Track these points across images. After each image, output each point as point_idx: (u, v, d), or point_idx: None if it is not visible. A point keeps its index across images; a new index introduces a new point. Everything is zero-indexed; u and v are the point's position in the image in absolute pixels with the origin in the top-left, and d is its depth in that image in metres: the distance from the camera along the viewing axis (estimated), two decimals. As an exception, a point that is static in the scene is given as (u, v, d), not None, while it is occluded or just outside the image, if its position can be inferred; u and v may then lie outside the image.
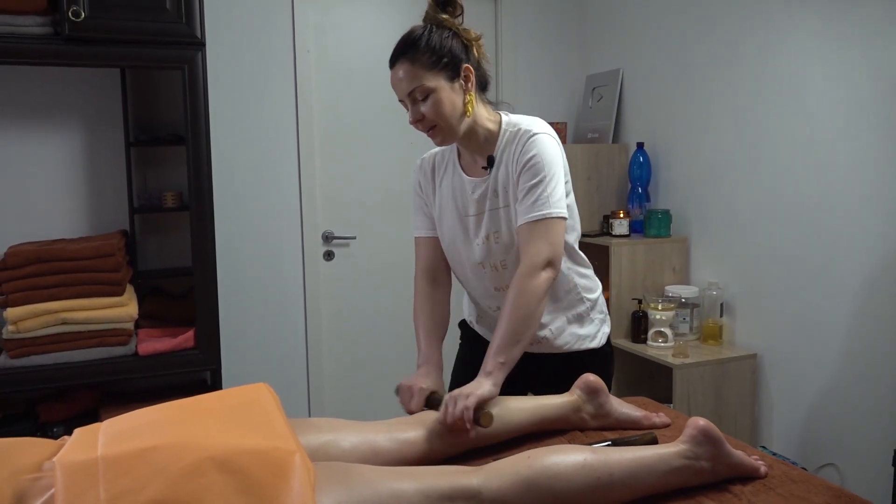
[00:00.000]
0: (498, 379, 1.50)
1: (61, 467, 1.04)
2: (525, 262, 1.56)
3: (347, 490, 1.13)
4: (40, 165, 2.69)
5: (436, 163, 1.80)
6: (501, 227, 1.66)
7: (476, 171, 1.69)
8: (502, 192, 1.64)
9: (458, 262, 1.77)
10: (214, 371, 2.67)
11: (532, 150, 1.58)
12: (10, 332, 2.37)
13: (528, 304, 1.54)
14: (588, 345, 1.78)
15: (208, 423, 1.18)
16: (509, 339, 1.53)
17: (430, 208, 1.80)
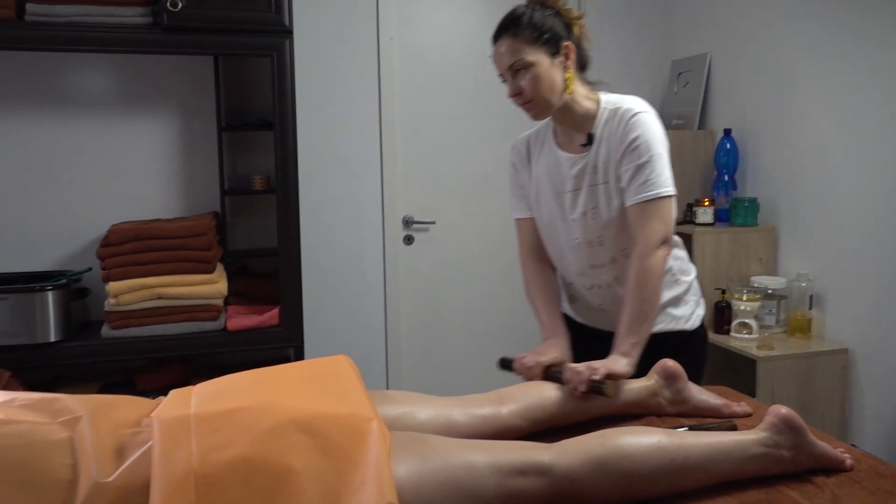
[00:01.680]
0: (633, 358, 1.56)
1: (158, 422, 1.11)
2: (641, 242, 1.60)
3: (421, 459, 1.16)
4: (139, 150, 2.84)
5: (530, 143, 1.83)
6: (600, 202, 1.68)
7: (573, 147, 1.71)
8: (602, 168, 1.66)
9: (554, 240, 1.80)
10: (297, 348, 2.76)
11: (636, 129, 1.61)
12: (112, 304, 2.52)
13: (649, 282, 1.60)
14: (683, 326, 1.79)
15: (291, 389, 1.23)
16: (637, 318, 1.59)
17: (527, 189, 1.83)
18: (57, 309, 2.47)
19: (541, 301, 1.80)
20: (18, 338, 2.42)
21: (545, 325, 1.77)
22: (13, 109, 2.69)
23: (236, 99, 2.90)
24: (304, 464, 1.07)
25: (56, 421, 1.13)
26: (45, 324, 2.45)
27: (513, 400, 1.49)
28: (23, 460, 1.05)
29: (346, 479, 1.07)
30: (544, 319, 1.77)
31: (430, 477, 1.13)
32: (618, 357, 1.56)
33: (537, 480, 1.19)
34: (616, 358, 1.56)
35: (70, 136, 2.76)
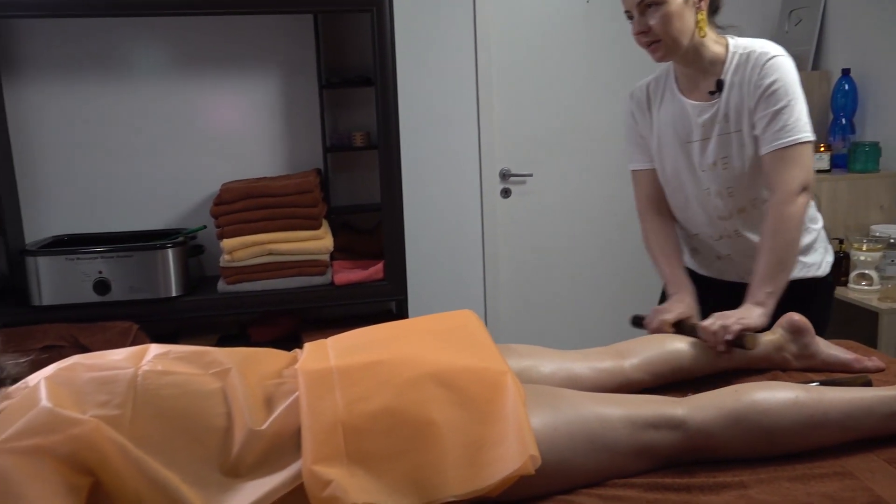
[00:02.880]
0: (768, 308, 1.53)
1: (303, 374, 1.17)
2: (780, 189, 1.55)
3: (554, 411, 1.17)
4: (244, 110, 2.91)
5: (650, 91, 1.77)
6: (732, 152, 1.63)
7: (699, 95, 1.66)
8: (734, 116, 1.61)
9: (679, 191, 1.76)
10: (401, 301, 2.82)
11: (773, 73, 1.55)
12: (226, 260, 2.63)
13: (788, 230, 1.56)
14: (813, 273, 1.74)
15: (425, 343, 1.26)
16: (774, 267, 1.55)
17: (647, 140, 1.78)
18: (177, 265, 2.60)
19: (662, 255, 1.77)
20: (144, 293, 2.56)
21: (668, 280, 1.73)
22: (126, 75, 2.80)
23: (336, 56, 2.93)
24: (443, 416, 1.10)
25: (208, 372, 1.19)
26: (166, 279, 2.59)
27: (634, 354, 1.49)
28: (183, 409, 1.13)
29: (486, 432, 1.10)
30: (667, 273, 1.74)
31: (564, 429, 1.15)
32: (751, 307, 1.52)
33: (670, 434, 1.19)
34: (749, 308, 1.52)
35: (178, 99, 2.85)
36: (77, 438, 1.03)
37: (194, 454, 1.09)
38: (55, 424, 1.03)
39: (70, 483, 1.02)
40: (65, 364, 1.18)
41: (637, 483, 1.15)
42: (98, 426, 1.04)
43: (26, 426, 1.03)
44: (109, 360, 1.20)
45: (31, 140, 2.77)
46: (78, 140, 2.80)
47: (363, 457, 1.06)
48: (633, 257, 3.39)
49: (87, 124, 2.80)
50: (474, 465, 1.06)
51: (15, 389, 1.18)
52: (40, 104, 2.76)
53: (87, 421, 1.04)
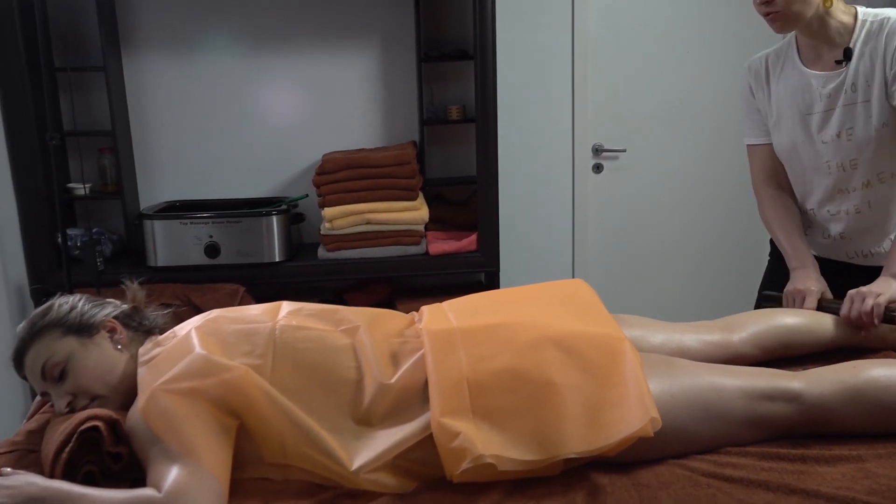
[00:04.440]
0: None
1: (428, 333, 1.23)
2: None
3: (670, 379, 1.20)
4: (344, 81, 2.99)
5: (769, 64, 1.75)
6: (857, 122, 1.59)
7: (822, 65, 1.62)
8: (863, 85, 1.57)
9: (796, 164, 1.73)
10: (492, 273, 2.87)
11: None
12: (327, 228, 2.73)
13: None
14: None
15: (541, 308, 1.31)
16: None
17: (764, 114, 1.76)
18: (280, 232, 2.72)
19: (782, 230, 1.74)
20: (250, 257, 2.69)
21: (790, 255, 1.71)
22: (233, 48, 2.91)
23: (434, 29, 2.97)
24: (563, 378, 1.15)
25: (338, 329, 1.28)
26: (270, 245, 2.71)
27: (742, 328, 1.49)
28: (318, 361, 1.21)
29: (605, 394, 1.14)
30: (788, 248, 1.72)
31: (681, 396, 1.18)
32: (890, 280, 1.50)
33: (786, 406, 1.20)
34: (888, 281, 1.50)
35: (282, 71, 2.95)
36: (227, 383, 1.12)
37: (329, 403, 1.18)
38: (209, 370, 1.13)
39: (222, 423, 1.12)
40: (210, 316, 1.29)
41: (751, 451, 1.18)
42: (247, 372, 1.14)
43: (184, 370, 1.13)
44: (248, 314, 1.30)
45: (147, 110, 2.94)
46: (189, 111, 2.95)
47: (487, 412, 1.13)
48: (727, 236, 3.35)
49: (197, 95, 2.94)
50: (594, 425, 1.11)
51: (164, 338, 1.30)
52: (155, 76, 2.91)
53: (237, 367, 1.14)
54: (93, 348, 1.26)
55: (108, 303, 1.36)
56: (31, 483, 1.05)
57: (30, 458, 1.20)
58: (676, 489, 1.10)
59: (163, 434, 1.08)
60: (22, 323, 1.30)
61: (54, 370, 1.23)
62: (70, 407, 1.23)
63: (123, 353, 1.29)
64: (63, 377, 1.23)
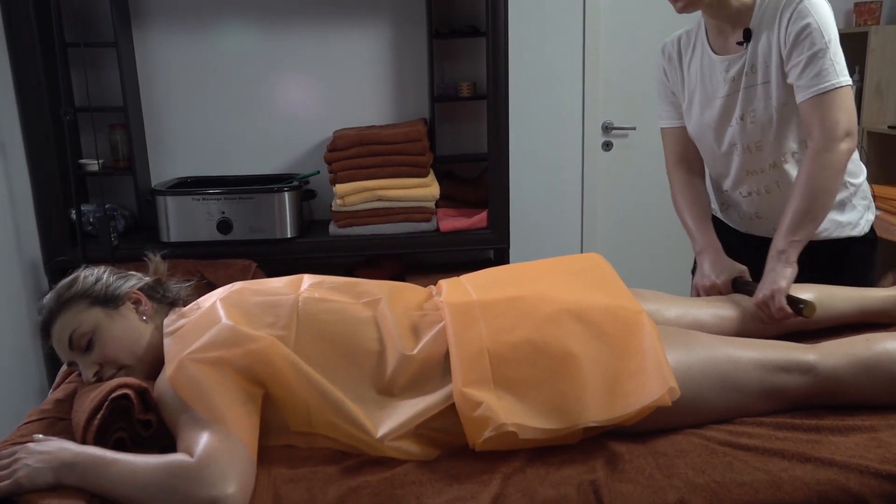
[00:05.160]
0: (792, 257, 1.48)
1: (448, 306, 1.25)
2: (820, 135, 1.48)
3: (687, 350, 1.22)
4: (355, 58, 2.99)
5: (681, 46, 1.73)
6: (758, 104, 1.58)
7: (728, 48, 1.61)
8: (762, 67, 1.56)
9: (707, 148, 1.73)
10: (502, 250, 2.89)
11: (806, 16, 1.47)
12: (338, 205, 2.75)
13: (826, 178, 1.48)
14: (849, 233, 1.68)
15: (559, 282, 1.33)
16: (803, 215, 1.48)
17: (678, 96, 1.75)
18: (292, 208, 2.73)
19: (689, 214, 1.74)
20: (263, 233, 2.71)
21: (696, 238, 1.71)
22: (244, 25, 2.91)
23: (445, 5, 2.96)
24: (582, 349, 1.17)
25: (359, 301, 1.30)
26: (282, 221, 2.73)
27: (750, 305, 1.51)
28: (340, 332, 1.24)
29: (624, 365, 1.17)
30: (694, 233, 1.72)
31: (698, 367, 1.20)
32: (777, 267, 1.46)
33: (800, 378, 1.23)
34: (776, 270, 1.45)
35: (293, 48, 2.95)
36: (254, 353, 1.15)
37: (352, 373, 1.20)
38: (236, 340, 1.15)
39: (248, 391, 1.14)
40: (234, 288, 1.31)
41: (766, 422, 1.20)
42: (273, 343, 1.16)
43: (211, 340, 1.15)
44: (271, 286, 1.32)
45: (157, 87, 2.94)
46: (199, 87, 2.95)
47: (508, 382, 1.15)
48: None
49: (208, 72, 2.94)
50: (613, 395, 1.13)
51: (188, 309, 1.32)
52: (166, 53, 2.91)
53: (263, 338, 1.16)
54: (119, 319, 1.28)
55: (132, 275, 1.38)
56: (64, 448, 1.08)
57: (59, 426, 1.22)
58: (693, 457, 1.12)
59: (192, 401, 1.10)
60: (48, 294, 1.32)
61: (81, 340, 1.25)
62: (97, 376, 1.26)
63: (148, 324, 1.31)
64: (90, 347, 1.26)
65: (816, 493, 1.05)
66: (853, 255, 1.67)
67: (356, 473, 1.10)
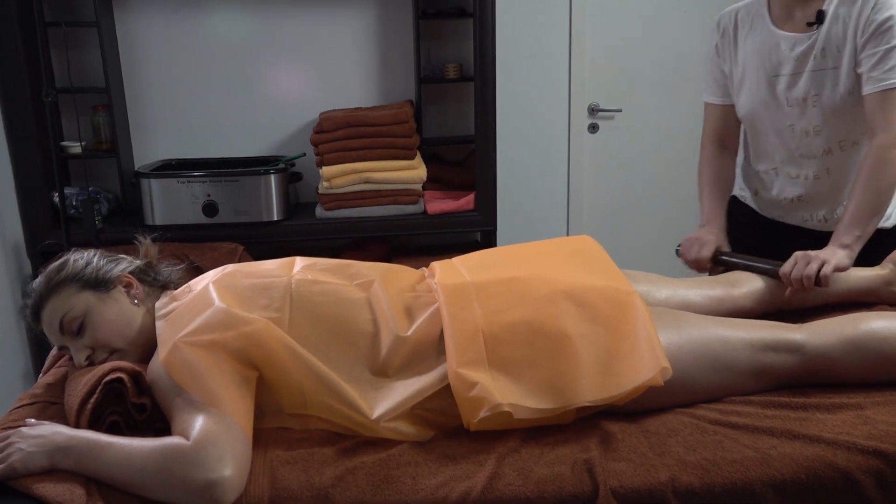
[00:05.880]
0: (854, 252, 1.50)
1: (443, 287, 1.26)
2: (885, 131, 1.50)
3: (677, 331, 1.24)
4: (340, 39, 2.96)
5: (738, 19, 1.72)
6: (824, 89, 1.58)
7: (793, 25, 1.60)
8: (834, 52, 1.55)
9: (759, 125, 1.72)
10: (489, 232, 2.90)
11: (888, 9, 1.47)
12: (325, 187, 2.73)
13: (889, 174, 1.51)
14: (882, 223, 1.68)
15: (552, 263, 1.34)
16: (867, 210, 1.51)
17: (727, 74, 1.75)
18: (279, 191, 2.71)
19: (708, 187, 1.77)
20: (249, 216, 2.69)
21: (705, 212, 1.74)
22: (228, 5, 2.87)
23: (431, -14, 2.94)
24: (576, 330, 1.18)
25: (352, 283, 1.30)
26: (269, 204, 2.71)
27: (744, 283, 1.53)
28: (334, 314, 1.24)
29: (617, 346, 1.18)
30: (706, 205, 1.75)
31: (688, 348, 1.22)
32: (836, 249, 1.50)
33: (788, 357, 1.25)
34: (835, 250, 1.50)
35: (278, 28, 2.92)
36: (248, 335, 1.15)
37: (347, 355, 1.20)
38: (230, 322, 1.15)
39: (242, 374, 1.14)
40: (226, 271, 1.30)
41: (755, 400, 1.22)
42: (267, 325, 1.16)
43: (205, 323, 1.15)
44: (264, 268, 1.31)
45: (140, 67, 2.89)
46: (183, 68, 2.91)
47: (503, 363, 1.16)
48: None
49: (192, 52, 2.90)
50: (607, 375, 1.15)
51: (180, 292, 1.31)
52: (149, 32, 2.86)
53: (257, 320, 1.16)
54: (110, 303, 1.28)
55: (123, 258, 1.37)
56: (58, 432, 1.07)
57: (52, 410, 1.22)
58: (684, 436, 1.14)
59: (186, 384, 1.10)
60: (38, 278, 1.31)
61: (73, 324, 1.25)
62: (89, 360, 1.25)
63: (140, 308, 1.31)
64: (81, 331, 1.25)
65: (805, 470, 1.07)
66: (883, 244, 1.67)
67: (352, 454, 1.11)
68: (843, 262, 1.48)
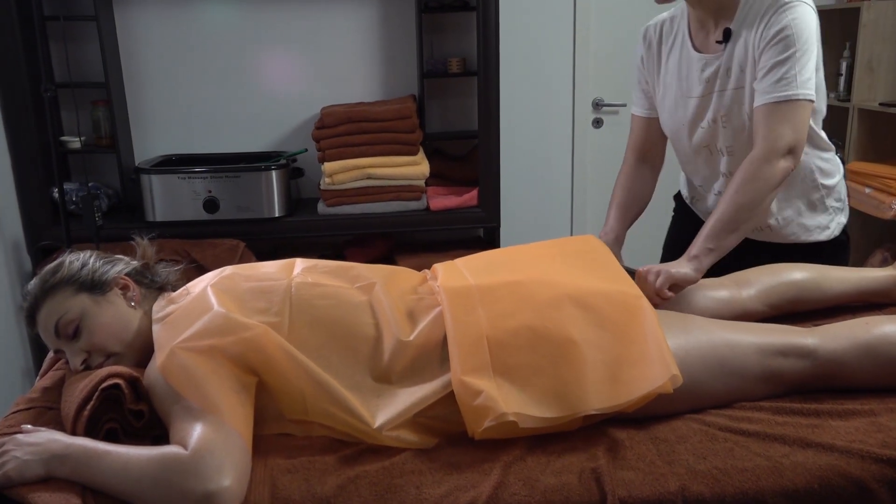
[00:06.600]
0: (702, 264, 1.41)
1: (446, 290, 1.23)
2: (762, 146, 1.42)
3: (686, 335, 1.21)
4: (342, 33, 2.93)
5: (663, 33, 1.66)
6: (732, 110, 1.52)
7: (708, 46, 1.54)
8: (737, 71, 1.49)
9: (679, 144, 1.69)
10: (492, 229, 2.87)
11: (783, 20, 1.39)
12: (327, 183, 2.71)
13: (756, 190, 1.41)
14: (818, 237, 1.65)
15: (556, 266, 1.31)
16: (725, 225, 1.42)
17: (651, 86, 1.70)
18: (280, 187, 2.69)
19: (616, 201, 1.74)
20: (250, 212, 2.67)
21: (606, 223, 1.71)
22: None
23: (433, -20, 2.90)
24: (582, 335, 1.15)
25: (354, 286, 1.27)
26: (270, 200, 2.68)
27: (751, 284, 1.50)
28: (335, 318, 1.21)
29: (624, 351, 1.15)
30: (609, 218, 1.72)
31: (696, 353, 1.19)
32: (683, 262, 1.41)
33: (799, 362, 1.22)
34: (681, 262, 1.41)
35: (279, 22, 2.88)
36: (247, 341, 1.12)
37: (348, 360, 1.18)
38: (228, 328, 1.12)
39: (241, 380, 1.12)
40: (224, 273, 1.28)
41: (765, 406, 1.20)
42: (266, 331, 1.13)
43: (203, 328, 1.12)
44: (263, 271, 1.29)
45: (140, 62, 2.87)
46: (184, 62, 2.88)
47: (508, 370, 1.13)
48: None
49: (193, 46, 2.87)
50: (614, 382, 1.12)
51: (178, 295, 1.29)
52: (149, 26, 2.83)
53: (256, 326, 1.13)
54: (106, 306, 1.25)
55: (119, 259, 1.34)
56: (55, 440, 1.05)
57: (48, 416, 1.19)
58: (694, 443, 1.11)
59: (184, 391, 1.07)
60: (33, 280, 1.28)
61: (68, 328, 1.22)
62: (85, 364, 1.22)
63: (137, 311, 1.28)
64: (77, 335, 1.22)
65: (818, 479, 1.05)
66: (823, 258, 1.60)
67: (354, 463, 1.08)
68: (687, 275, 1.39)
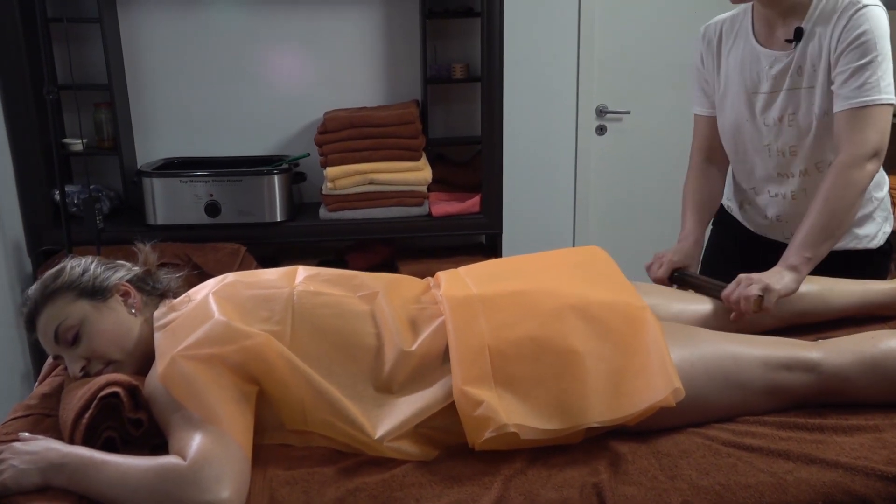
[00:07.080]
0: (802, 274, 1.42)
1: (448, 300, 1.22)
2: (849, 151, 1.43)
3: (691, 348, 1.20)
4: (345, 38, 2.92)
5: (723, 32, 1.66)
6: (800, 109, 1.52)
7: (774, 42, 1.54)
8: (809, 70, 1.49)
9: (739, 143, 1.68)
10: (494, 235, 2.86)
11: (862, 24, 1.40)
12: (329, 188, 2.70)
13: (846, 197, 1.43)
14: (865, 245, 1.65)
15: (560, 275, 1.30)
16: (820, 233, 1.43)
17: (711, 85, 1.70)
18: (282, 191, 2.68)
19: (690, 203, 1.72)
20: (252, 216, 2.66)
21: (684, 227, 1.69)
22: (233, 3, 2.83)
23: (438, -15, 2.90)
24: (585, 346, 1.15)
25: (356, 295, 1.26)
26: (272, 204, 2.67)
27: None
28: (337, 327, 1.20)
29: (627, 363, 1.14)
30: (686, 222, 1.70)
31: (700, 365, 1.18)
32: (783, 272, 1.41)
33: (804, 376, 1.21)
34: (780, 273, 1.41)
35: (283, 24, 2.87)
36: (248, 350, 1.11)
37: (349, 370, 1.17)
38: (230, 336, 1.12)
39: (242, 389, 1.11)
40: (226, 281, 1.27)
41: (769, 421, 1.19)
42: (268, 339, 1.12)
43: (204, 336, 1.12)
44: (265, 279, 1.28)
45: (143, 64, 2.86)
46: (186, 65, 2.88)
47: (509, 380, 1.12)
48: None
49: (196, 50, 2.86)
50: (617, 394, 1.11)
51: (179, 302, 1.28)
52: (152, 29, 2.83)
53: (258, 334, 1.12)
54: (107, 312, 1.24)
55: (121, 266, 1.34)
56: (52, 449, 1.04)
57: (46, 423, 1.19)
58: (697, 458, 1.10)
59: (184, 400, 1.07)
60: (34, 285, 1.28)
61: (67, 334, 1.21)
62: (84, 371, 1.22)
63: (138, 318, 1.27)
64: (77, 341, 1.22)
65: (822, 496, 1.04)
66: (867, 266, 1.63)
67: (354, 475, 1.07)
68: (789, 287, 1.39)
